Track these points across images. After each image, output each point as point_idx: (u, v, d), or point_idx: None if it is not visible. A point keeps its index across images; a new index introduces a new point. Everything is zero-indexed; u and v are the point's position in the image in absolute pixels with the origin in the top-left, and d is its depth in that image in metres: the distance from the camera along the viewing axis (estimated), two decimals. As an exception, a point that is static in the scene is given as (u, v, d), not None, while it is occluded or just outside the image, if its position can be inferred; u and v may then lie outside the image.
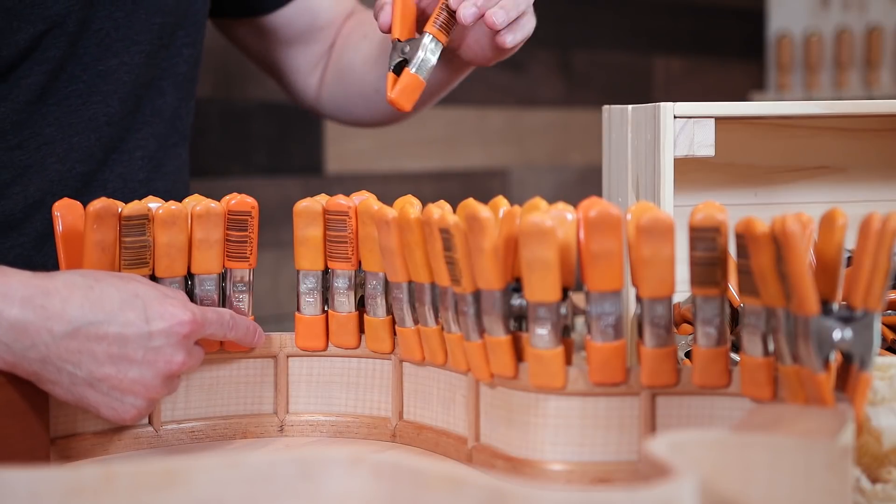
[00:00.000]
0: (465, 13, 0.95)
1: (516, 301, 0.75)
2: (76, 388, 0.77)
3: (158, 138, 1.12)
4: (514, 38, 0.99)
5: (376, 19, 1.00)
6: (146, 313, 0.77)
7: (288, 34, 1.23)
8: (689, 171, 0.98)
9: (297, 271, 0.88)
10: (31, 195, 1.04)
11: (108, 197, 0.82)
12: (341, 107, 1.26)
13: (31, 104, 1.03)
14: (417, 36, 0.98)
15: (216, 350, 0.87)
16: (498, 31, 0.98)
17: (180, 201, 0.85)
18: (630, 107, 0.93)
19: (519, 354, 0.76)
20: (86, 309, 0.76)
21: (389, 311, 0.86)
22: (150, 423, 0.85)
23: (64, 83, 1.04)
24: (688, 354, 0.85)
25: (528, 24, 1.01)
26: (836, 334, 0.65)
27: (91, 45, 1.05)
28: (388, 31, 0.99)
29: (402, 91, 0.98)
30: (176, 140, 1.15)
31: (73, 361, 0.76)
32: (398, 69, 0.98)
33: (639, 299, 0.73)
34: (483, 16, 0.96)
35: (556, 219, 0.72)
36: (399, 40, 0.98)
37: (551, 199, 0.78)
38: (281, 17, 1.22)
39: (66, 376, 0.76)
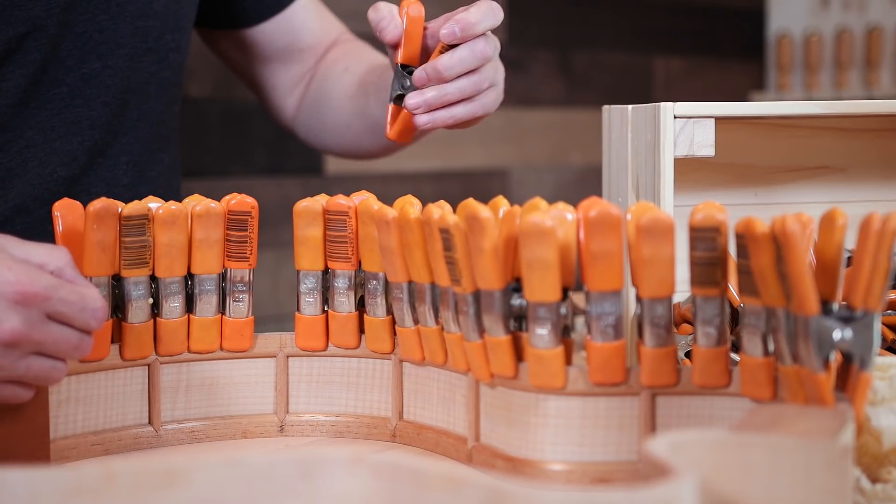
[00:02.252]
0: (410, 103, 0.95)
1: (516, 301, 0.75)
2: None
3: (143, 143, 1.12)
4: (430, 121, 0.95)
5: (379, 33, 0.97)
6: None
7: (268, 51, 1.23)
8: (689, 171, 0.98)
9: (297, 271, 0.88)
10: (13, 199, 1.04)
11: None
12: (315, 133, 1.26)
13: (13, 107, 1.02)
14: (418, 68, 0.96)
15: (214, 350, 0.87)
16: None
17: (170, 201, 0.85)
18: (630, 107, 0.93)
19: (519, 354, 0.76)
20: None
21: (389, 311, 0.86)
22: (150, 423, 0.85)
23: (46, 86, 1.04)
24: (688, 354, 0.85)
25: (482, 102, 0.97)
26: (836, 334, 0.65)
27: (73, 48, 1.04)
28: (395, 46, 0.97)
29: (401, 131, 0.98)
30: (160, 145, 1.14)
31: None
32: (398, 100, 0.97)
33: (639, 299, 0.73)
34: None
35: (556, 219, 0.72)
36: (401, 66, 0.97)
37: (551, 199, 0.78)
38: (261, 33, 1.22)
39: None
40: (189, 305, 0.86)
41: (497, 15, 0.95)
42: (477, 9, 0.94)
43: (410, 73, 0.96)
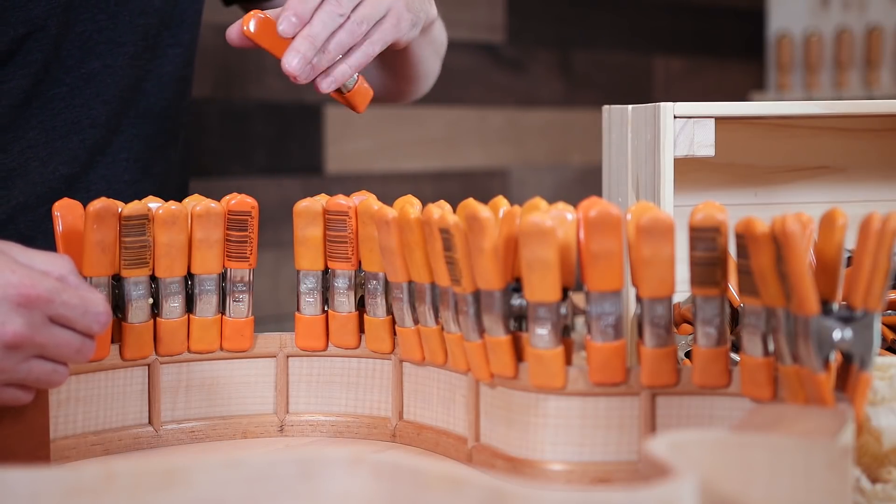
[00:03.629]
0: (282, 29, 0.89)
1: (516, 301, 0.75)
2: None
3: (145, 140, 1.11)
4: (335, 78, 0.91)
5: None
6: None
7: None
8: (689, 171, 0.98)
9: (297, 271, 0.88)
10: (15, 198, 1.04)
11: (93, 199, 0.82)
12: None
13: (15, 108, 1.02)
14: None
15: (214, 350, 0.87)
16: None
17: (171, 200, 0.85)
18: (630, 107, 0.93)
19: (519, 354, 0.76)
20: None
21: (389, 311, 0.86)
22: (150, 423, 0.85)
23: (47, 87, 1.04)
24: (688, 354, 0.85)
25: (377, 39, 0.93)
26: (836, 334, 0.65)
27: (74, 48, 1.04)
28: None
29: (362, 100, 0.97)
30: (165, 141, 1.14)
31: None
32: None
33: (639, 299, 0.73)
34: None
35: (556, 219, 0.72)
36: None
37: (551, 199, 0.78)
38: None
39: None
40: (189, 305, 0.86)
41: None
42: None
43: None
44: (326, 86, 0.91)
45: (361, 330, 0.88)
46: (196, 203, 0.85)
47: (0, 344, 0.71)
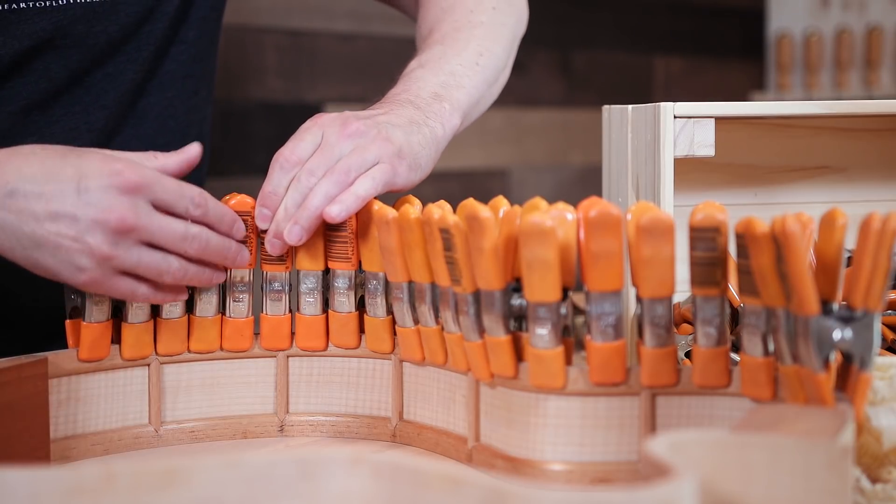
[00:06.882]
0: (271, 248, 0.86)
1: (516, 301, 0.75)
2: (27, 251, 0.77)
3: (144, 139, 1.11)
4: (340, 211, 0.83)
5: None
6: (81, 168, 0.77)
7: None
8: (689, 171, 0.98)
9: (298, 271, 0.88)
10: None
11: None
12: None
13: (13, 114, 1.02)
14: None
15: (214, 350, 0.87)
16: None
17: None
18: (630, 107, 0.93)
19: (519, 354, 0.76)
20: (24, 170, 0.77)
21: (389, 311, 0.86)
22: (150, 423, 0.86)
23: (50, 95, 1.03)
24: (688, 354, 0.85)
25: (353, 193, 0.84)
26: (836, 334, 0.65)
27: (82, 58, 1.03)
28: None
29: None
30: (168, 139, 1.13)
31: (16, 223, 0.76)
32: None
33: (639, 299, 0.73)
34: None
35: (556, 219, 0.72)
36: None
37: (551, 199, 0.78)
38: None
39: (14, 239, 0.77)
40: (189, 305, 0.86)
41: (289, 163, 0.87)
42: (268, 178, 0.87)
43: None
44: (295, 236, 0.84)
45: (361, 330, 0.88)
46: (196, 203, 0.85)
47: (108, 229, 0.75)
